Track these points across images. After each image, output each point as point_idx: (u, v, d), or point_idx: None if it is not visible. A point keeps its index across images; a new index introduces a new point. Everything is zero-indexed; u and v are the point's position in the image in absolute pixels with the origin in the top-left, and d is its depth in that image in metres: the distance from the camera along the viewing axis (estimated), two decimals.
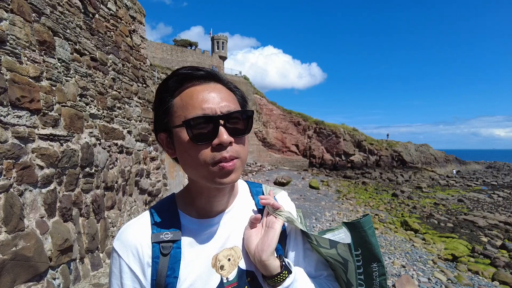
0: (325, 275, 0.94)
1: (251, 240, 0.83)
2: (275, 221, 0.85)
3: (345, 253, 0.83)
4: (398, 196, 20.67)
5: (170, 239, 0.79)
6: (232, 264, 0.82)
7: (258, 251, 0.80)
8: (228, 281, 0.80)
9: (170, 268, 0.76)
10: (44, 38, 3.26)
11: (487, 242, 10.70)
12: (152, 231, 0.80)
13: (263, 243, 0.81)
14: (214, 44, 47.48)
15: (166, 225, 0.81)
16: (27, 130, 2.92)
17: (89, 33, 4.35)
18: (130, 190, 5.50)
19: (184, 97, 0.76)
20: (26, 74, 2.96)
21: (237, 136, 0.76)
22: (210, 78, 0.79)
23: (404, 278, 6.09)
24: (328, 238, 0.85)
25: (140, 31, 6.37)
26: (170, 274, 0.76)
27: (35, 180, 2.99)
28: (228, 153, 0.73)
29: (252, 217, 0.85)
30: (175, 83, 0.78)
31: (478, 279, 7.19)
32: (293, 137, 40.77)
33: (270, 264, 0.80)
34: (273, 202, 0.87)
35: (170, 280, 0.76)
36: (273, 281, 0.80)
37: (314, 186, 20.48)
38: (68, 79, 3.72)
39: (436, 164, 41.68)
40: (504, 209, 17.32)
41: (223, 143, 0.72)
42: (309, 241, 0.91)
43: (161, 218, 0.82)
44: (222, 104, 0.75)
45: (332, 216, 11.97)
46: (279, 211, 0.87)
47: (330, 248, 0.85)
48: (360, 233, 0.82)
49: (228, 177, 0.75)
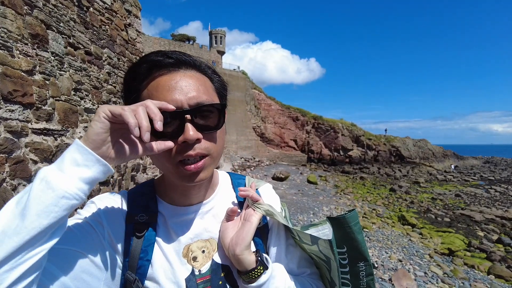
0: (308, 272, 0.89)
1: (226, 233, 0.79)
2: (252, 214, 0.80)
3: (327, 250, 0.77)
4: (395, 191, 20.75)
5: (145, 221, 0.76)
6: (206, 257, 0.79)
7: (232, 244, 0.77)
8: (200, 274, 0.77)
9: (143, 251, 0.74)
10: (36, 31, 3.22)
11: (483, 237, 10.78)
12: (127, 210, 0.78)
13: (237, 237, 0.77)
14: (212, 39, 47.22)
15: (142, 208, 0.78)
16: (20, 124, 2.89)
17: (84, 27, 4.31)
18: (126, 184, 5.48)
19: (150, 88, 0.69)
20: (19, 67, 2.93)
21: (207, 132, 0.70)
22: (181, 64, 0.71)
23: (400, 272, 6.13)
24: (309, 233, 0.79)
25: (136, 25, 6.32)
26: (143, 257, 0.73)
27: (29, 175, 2.97)
28: (194, 151, 0.67)
29: (229, 209, 0.82)
30: (144, 70, 0.70)
31: (474, 273, 7.25)
32: (292, 132, 40.79)
33: (244, 258, 0.75)
34: (252, 194, 0.82)
35: (142, 263, 0.73)
36: (247, 277, 0.76)
37: (312, 181, 20.51)
38: (62, 73, 3.69)
39: (434, 159, 41.80)
40: (501, 204, 17.41)
41: (188, 140, 0.66)
42: (293, 236, 0.86)
43: (138, 200, 0.80)
44: (190, 95, 0.68)
45: (330, 211, 12.01)
46: (258, 203, 0.82)
47: (312, 244, 0.79)
48: (345, 230, 0.76)
49: (196, 178, 0.70)
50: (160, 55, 0.70)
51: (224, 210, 0.84)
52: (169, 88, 0.67)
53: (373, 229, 10.17)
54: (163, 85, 0.68)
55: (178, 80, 0.68)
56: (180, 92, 0.67)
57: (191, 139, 0.66)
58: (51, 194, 0.52)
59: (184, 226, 0.80)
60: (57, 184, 0.52)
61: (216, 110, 0.71)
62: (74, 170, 0.55)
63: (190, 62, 0.73)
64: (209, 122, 0.70)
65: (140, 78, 0.71)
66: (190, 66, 0.72)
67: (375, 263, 6.87)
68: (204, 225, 0.82)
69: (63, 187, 0.52)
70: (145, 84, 0.70)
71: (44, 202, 0.51)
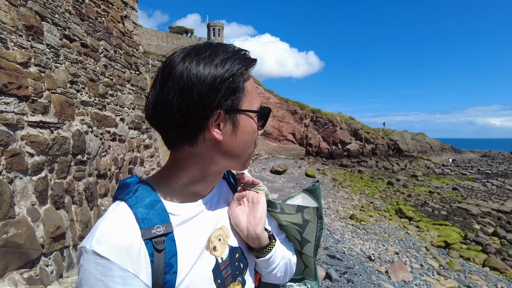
0: (283, 237, 1.04)
1: (239, 218, 0.84)
2: (259, 196, 0.89)
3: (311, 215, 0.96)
4: (393, 184, 20.86)
5: (163, 232, 0.69)
6: (223, 244, 0.81)
7: (252, 226, 0.83)
8: (222, 261, 0.79)
9: (167, 265, 0.68)
10: (31, 23, 3.18)
11: (479, 230, 10.88)
12: (140, 227, 0.68)
13: (255, 218, 0.84)
14: (210, 31, 46.88)
15: (154, 218, 0.70)
16: (15, 117, 2.88)
17: (79, 19, 4.26)
18: (123, 178, 5.48)
19: (250, 83, 0.77)
20: (13, 59, 2.90)
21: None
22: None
23: (397, 265, 6.19)
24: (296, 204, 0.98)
25: (132, 17, 6.26)
26: (168, 270, 0.68)
27: (25, 168, 2.97)
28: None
29: (238, 195, 0.87)
30: (244, 63, 0.75)
31: (469, 265, 7.33)
32: (290, 126, 40.76)
33: (263, 237, 0.84)
34: (253, 179, 0.91)
35: (168, 277, 0.68)
36: (262, 252, 0.85)
37: (310, 174, 20.57)
38: (58, 66, 3.66)
39: (432, 153, 41.94)
40: (497, 197, 17.55)
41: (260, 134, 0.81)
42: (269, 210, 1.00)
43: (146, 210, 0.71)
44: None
45: (328, 204, 12.06)
46: (259, 186, 0.91)
47: (296, 213, 0.97)
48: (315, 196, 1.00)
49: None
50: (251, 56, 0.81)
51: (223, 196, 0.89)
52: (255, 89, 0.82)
53: (370, 222, 10.24)
54: (253, 85, 0.81)
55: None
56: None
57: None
58: None
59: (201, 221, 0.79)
60: None
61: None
62: None
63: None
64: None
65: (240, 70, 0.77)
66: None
67: (372, 255, 6.93)
68: (215, 213, 0.83)
69: None
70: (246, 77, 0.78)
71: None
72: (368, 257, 6.81)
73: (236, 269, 0.83)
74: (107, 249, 0.63)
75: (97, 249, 0.62)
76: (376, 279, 5.58)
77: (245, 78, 0.75)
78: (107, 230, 0.65)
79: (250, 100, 0.75)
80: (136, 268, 0.64)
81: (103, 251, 0.62)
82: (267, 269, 0.90)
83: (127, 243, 0.64)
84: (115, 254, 0.63)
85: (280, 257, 0.91)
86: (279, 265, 0.91)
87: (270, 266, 0.89)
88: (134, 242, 0.65)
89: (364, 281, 5.42)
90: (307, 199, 1.01)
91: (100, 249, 0.62)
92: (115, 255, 0.62)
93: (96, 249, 0.62)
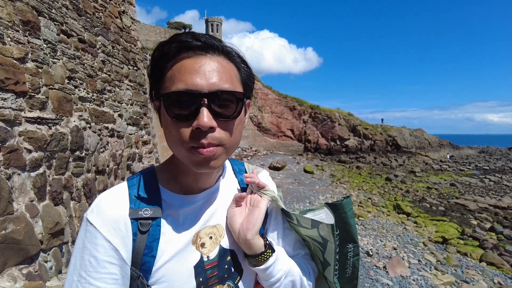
0: (302, 254, 0.95)
1: (235, 219, 0.81)
2: (260, 200, 0.83)
3: (327, 233, 0.84)
4: (391, 180, 20.91)
5: (150, 216, 0.73)
6: (214, 243, 0.80)
7: (243, 230, 0.79)
8: (208, 260, 0.78)
9: (147, 247, 0.71)
10: (28, 18, 3.16)
11: (476, 225, 10.93)
12: (130, 206, 0.73)
13: (248, 222, 0.79)
14: (208, 27, 46.66)
15: (146, 201, 0.75)
16: (13, 113, 2.86)
17: (76, 14, 4.23)
18: (122, 174, 5.48)
19: (175, 69, 0.67)
20: (10, 55, 2.88)
21: (222, 119, 0.68)
22: (208, 49, 0.69)
23: (394, 260, 6.23)
24: (311, 218, 0.85)
25: (130, 12, 6.21)
26: (147, 253, 0.71)
27: (23, 164, 2.96)
28: (206, 140, 0.65)
29: (237, 195, 0.83)
30: (172, 50, 0.68)
31: (466, 260, 7.38)
32: (288, 122, 40.74)
33: (255, 243, 0.78)
34: (258, 181, 0.85)
35: (147, 259, 0.71)
36: (256, 260, 0.79)
37: (308, 170, 20.60)
38: (55, 61, 3.63)
39: (430, 149, 42.04)
40: (494, 193, 17.62)
41: (201, 127, 0.64)
42: (288, 220, 0.92)
43: (140, 192, 0.76)
44: (212, 81, 0.66)
45: (326, 200, 12.10)
46: (264, 190, 0.85)
47: (312, 228, 0.86)
48: (340, 214, 0.83)
49: (207, 165, 0.68)
50: (190, 37, 0.69)
51: (228, 196, 0.86)
52: (191, 71, 0.66)
53: (368, 217, 10.28)
54: (187, 67, 0.66)
55: (203, 64, 0.67)
56: (202, 77, 0.65)
57: (205, 126, 0.64)
58: None
59: (193, 214, 0.79)
60: None
61: (236, 99, 0.69)
62: None
63: (219, 48, 0.70)
64: (226, 111, 0.68)
65: (167, 58, 0.69)
66: (218, 51, 0.70)
67: (370, 251, 6.96)
68: (211, 211, 0.82)
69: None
70: (171, 64, 0.69)
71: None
72: (366, 253, 6.85)
73: (224, 272, 0.80)
74: (96, 218, 0.70)
75: (89, 217, 0.71)
76: (374, 274, 5.62)
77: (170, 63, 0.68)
78: (101, 202, 0.73)
79: (166, 87, 0.68)
80: (118, 242, 0.70)
81: (92, 219, 0.70)
82: (266, 281, 0.83)
83: (113, 217, 0.71)
84: (101, 224, 0.69)
85: (283, 272, 0.83)
86: (281, 281, 0.83)
87: (269, 279, 0.82)
88: (120, 218, 0.71)
89: (362, 276, 5.45)
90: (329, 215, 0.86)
91: (91, 217, 0.70)
92: (101, 225, 0.69)
93: (88, 217, 0.71)
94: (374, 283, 5.22)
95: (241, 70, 0.75)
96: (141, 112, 6.56)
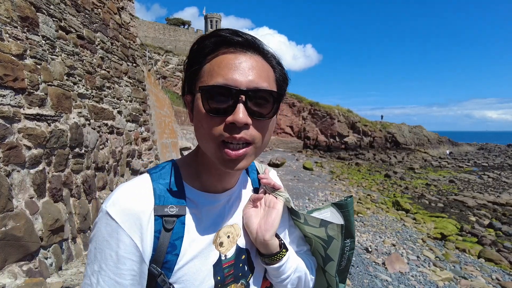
0: (304, 250, 0.98)
1: (251, 220, 0.82)
2: (276, 201, 0.85)
3: (336, 233, 0.87)
4: (390, 177, 20.97)
5: (175, 213, 0.71)
6: (231, 242, 0.80)
7: (262, 231, 0.80)
8: (226, 259, 0.78)
9: (171, 245, 0.70)
10: (26, 14, 3.14)
11: (475, 222, 10.98)
12: (155, 202, 0.70)
13: (266, 223, 0.80)
14: (207, 23, 46.50)
15: (171, 197, 0.73)
16: (12, 109, 2.85)
17: (75, 10, 4.20)
18: (121, 170, 5.48)
19: (214, 63, 0.67)
20: (8, 51, 2.86)
21: (257, 118, 0.67)
22: (249, 46, 0.69)
23: (393, 256, 6.26)
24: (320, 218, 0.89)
25: (129, 9, 6.18)
26: (171, 251, 0.70)
27: (23, 161, 2.95)
28: (239, 135, 0.64)
29: (254, 196, 0.84)
30: (211, 44, 0.68)
31: (465, 257, 7.42)
32: (288, 119, 40.74)
33: (272, 244, 0.80)
34: (274, 183, 0.86)
35: (169, 257, 0.70)
36: (270, 259, 0.81)
37: (308, 167, 20.63)
38: (54, 58, 3.62)
39: (429, 146, 42.10)
40: (493, 190, 17.69)
41: (237, 122, 0.63)
42: (293, 218, 0.96)
43: (165, 187, 0.73)
44: (251, 78, 0.65)
45: (325, 197, 12.13)
46: (280, 191, 0.86)
47: (320, 227, 0.89)
48: (344, 213, 0.89)
49: (235, 165, 0.67)
50: (231, 33, 0.68)
51: (243, 195, 0.87)
52: (231, 67, 0.65)
53: (367, 214, 10.31)
54: (227, 63, 0.66)
55: (243, 61, 0.66)
56: (241, 73, 0.65)
57: (240, 122, 0.63)
58: None
59: (215, 214, 0.79)
60: None
61: (272, 98, 0.68)
62: None
63: (258, 47, 0.70)
64: (262, 109, 0.67)
65: (206, 52, 0.69)
66: (257, 51, 0.70)
67: (369, 247, 6.99)
68: (230, 211, 0.83)
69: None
70: (210, 58, 0.68)
71: None
72: (365, 249, 6.88)
73: (240, 270, 0.81)
74: (118, 212, 0.67)
75: (109, 211, 0.67)
76: (373, 270, 5.65)
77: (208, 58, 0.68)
78: (123, 194, 0.69)
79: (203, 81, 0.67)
80: (139, 238, 0.68)
81: (113, 213, 0.67)
82: (277, 278, 0.85)
83: (136, 213, 0.68)
84: (123, 219, 0.67)
85: (292, 269, 0.86)
86: (290, 277, 0.86)
87: (280, 276, 0.84)
88: (144, 214, 0.68)
89: (361, 273, 5.48)
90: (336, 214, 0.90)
91: (112, 211, 0.67)
92: (123, 220, 0.67)
93: (109, 211, 0.67)
94: (373, 279, 5.25)
95: (277, 71, 0.74)
96: (140, 108, 6.55)
